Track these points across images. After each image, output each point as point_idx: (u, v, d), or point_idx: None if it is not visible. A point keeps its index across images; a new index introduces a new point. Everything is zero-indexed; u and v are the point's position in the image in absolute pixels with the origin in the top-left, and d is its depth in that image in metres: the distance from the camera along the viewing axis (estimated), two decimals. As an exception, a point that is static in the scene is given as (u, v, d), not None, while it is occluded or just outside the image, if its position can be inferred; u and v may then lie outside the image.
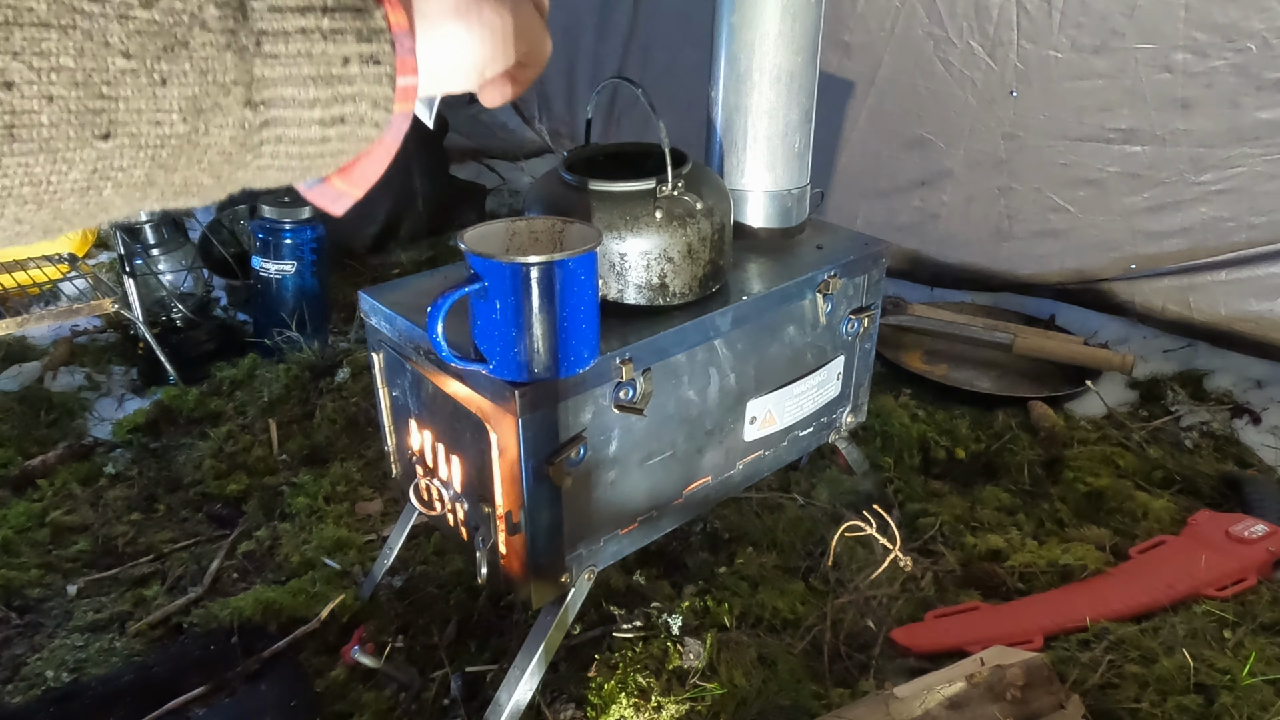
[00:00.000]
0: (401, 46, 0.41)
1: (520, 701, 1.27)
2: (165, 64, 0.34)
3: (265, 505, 1.89)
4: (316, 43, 0.38)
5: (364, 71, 0.40)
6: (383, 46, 0.41)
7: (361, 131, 0.42)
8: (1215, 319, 2.22)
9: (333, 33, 0.39)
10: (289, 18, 0.38)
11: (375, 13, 0.40)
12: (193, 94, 0.35)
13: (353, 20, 0.39)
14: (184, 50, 0.35)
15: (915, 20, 2.29)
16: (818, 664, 1.46)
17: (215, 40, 0.36)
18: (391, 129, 0.43)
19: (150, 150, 0.35)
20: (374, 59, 0.40)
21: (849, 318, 1.52)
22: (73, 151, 0.33)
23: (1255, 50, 1.92)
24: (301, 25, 0.38)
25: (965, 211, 2.49)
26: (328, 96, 0.40)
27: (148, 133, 0.35)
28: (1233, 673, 1.36)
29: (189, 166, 0.37)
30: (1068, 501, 1.87)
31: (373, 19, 0.40)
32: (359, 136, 0.42)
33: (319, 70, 0.39)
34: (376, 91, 0.41)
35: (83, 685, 1.45)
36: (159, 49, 0.34)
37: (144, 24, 0.34)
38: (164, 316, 2.49)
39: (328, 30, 0.39)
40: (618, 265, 1.21)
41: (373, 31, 0.40)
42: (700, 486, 1.40)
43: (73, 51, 0.32)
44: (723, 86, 1.46)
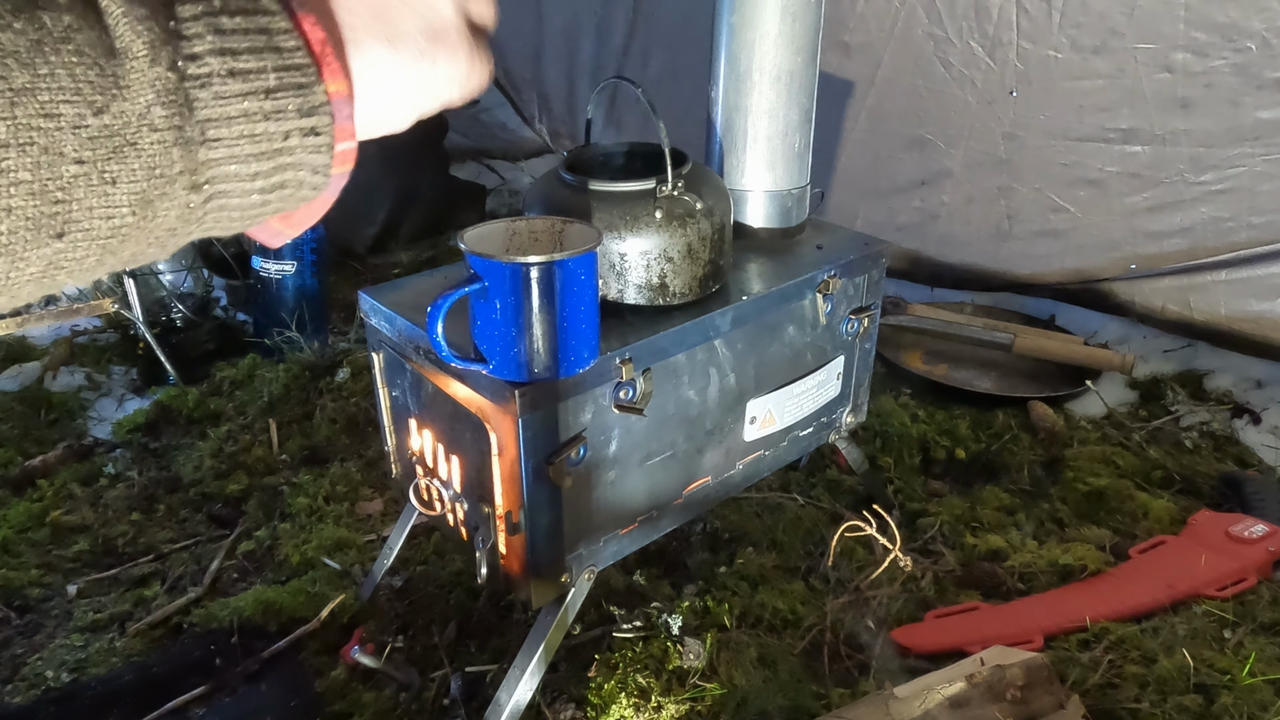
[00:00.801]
0: (340, 114, 0.43)
1: (520, 701, 1.27)
2: (116, 165, 0.37)
3: (265, 505, 1.89)
4: (259, 123, 0.40)
5: (304, 143, 0.42)
6: (322, 119, 0.42)
7: (300, 194, 0.44)
8: (1215, 319, 2.22)
9: (274, 112, 0.41)
10: (233, 103, 0.39)
11: (316, 88, 0.42)
12: (142, 189, 0.38)
13: (294, 97, 0.41)
14: (133, 150, 0.37)
15: (915, 20, 2.29)
16: (818, 664, 1.46)
17: (163, 138, 0.38)
18: (330, 186, 0.45)
19: (101, 241, 0.38)
20: (314, 131, 0.42)
21: (849, 318, 1.52)
22: (30, 251, 0.35)
23: (1255, 50, 1.92)
24: (244, 109, 0.40)
25: (965, 211, 2.49)
26: (269, 168, 0.42)
27: (99, 227, 0.37)
28: (1233, 673, 1.36)
29: (136, 245, 0.40)
30: (1068, 501, 1.87)
31: (314, 94, 0.42)
32: (298, 197, 0.44)
33: (261, 148, 0.41)
34: (315, 160, 0.43)
35: (83, 685, 1.45)
36: (109, 151, 0.36)
37: (96, 130, 0.36)
38: (164, 316, 2.49)
39: (270, 110, 0.41)
40: (618, 265, 1.21)
41: (313, 107, 0.42)
42: (700, 486, 1.40)
43: (30, 166, 0.34)
44: (723, 86, 1.46)
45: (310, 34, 0.42)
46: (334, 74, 0.43)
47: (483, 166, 3.80)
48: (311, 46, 0.42)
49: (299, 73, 0.41)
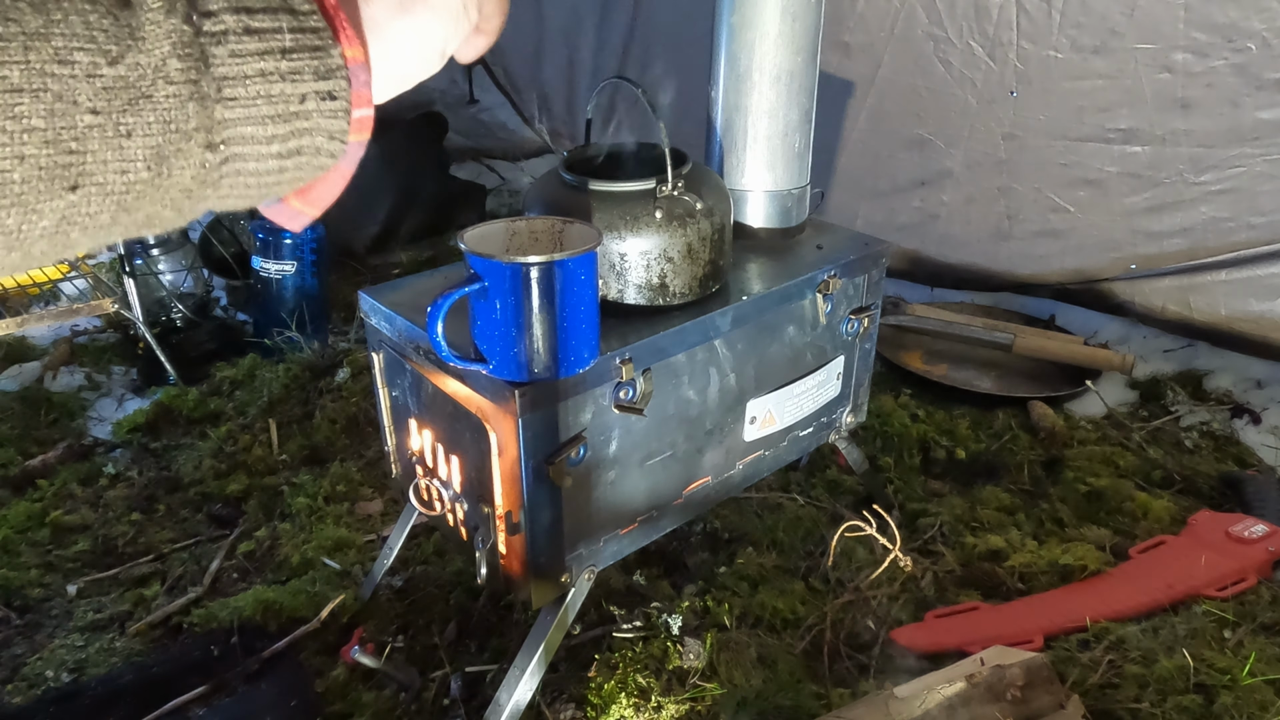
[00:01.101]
0: (357, 80, 0.43)
1: (520, 701, 1.27)
2: (130, 117, 0.36)
3: (265, 505, 1.89)
4: (275, 84, 0.40)
5: (320, 107, 0.42)
6: (339, 83, 0.42)
7: (317, 161, 0.43)
8: (1215, 319, 2.22)
9: (290, 73, 0.40)
10: (249, 61, 0.39)
11: (332, 51, 0.41)
12: (157, 143, 0.37)
13: (310, 59, 0.41)
14: (148, 103, 0.36)
15: (915, 21, 2.29)
16: (818, 664, 1.46)
17: (178, 92, 0.37)
18: (347, 156, 0.45)
19: (116, 196, 0.37)
20: (330, 95, 0.42)
21: (849, 318, 1.52)
22: (43, 203, 0.34)
23: (1255, 50, 1.92)
24: (261, 68, 0.39)
25: (965, 211, 2.49)
26: (285, 132, 0.41)
27: (113, 181, 0.36)
28: (1233, 673, 1.36)
29: (152, 205, 0.39)
30: (1068, 501, 1.87)
31: (330, 57, 0.41)
32: (315, 165, 0.43)
33: (277, 110, 0.40)
34: (332, 125, 0.43)
35: (83, 685, 1.45)
36: (124, 103, 0.35)
37: (111, 80, 0.35)
38: (164, 316, 2.49)
39: (286, 71, 0.40)
40: (618, 265, 1.21)
41: (329, 70, 0.41)
42: (700, 486, 1.40)
43: (43, 113, 0.33)
44: (723, 86, 1.46)
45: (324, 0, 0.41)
46: (350, 39, 0.42)
47: (483, 166, 3.80)
48: (326, 9, 0.41)
49: (315, 35, 0.41)
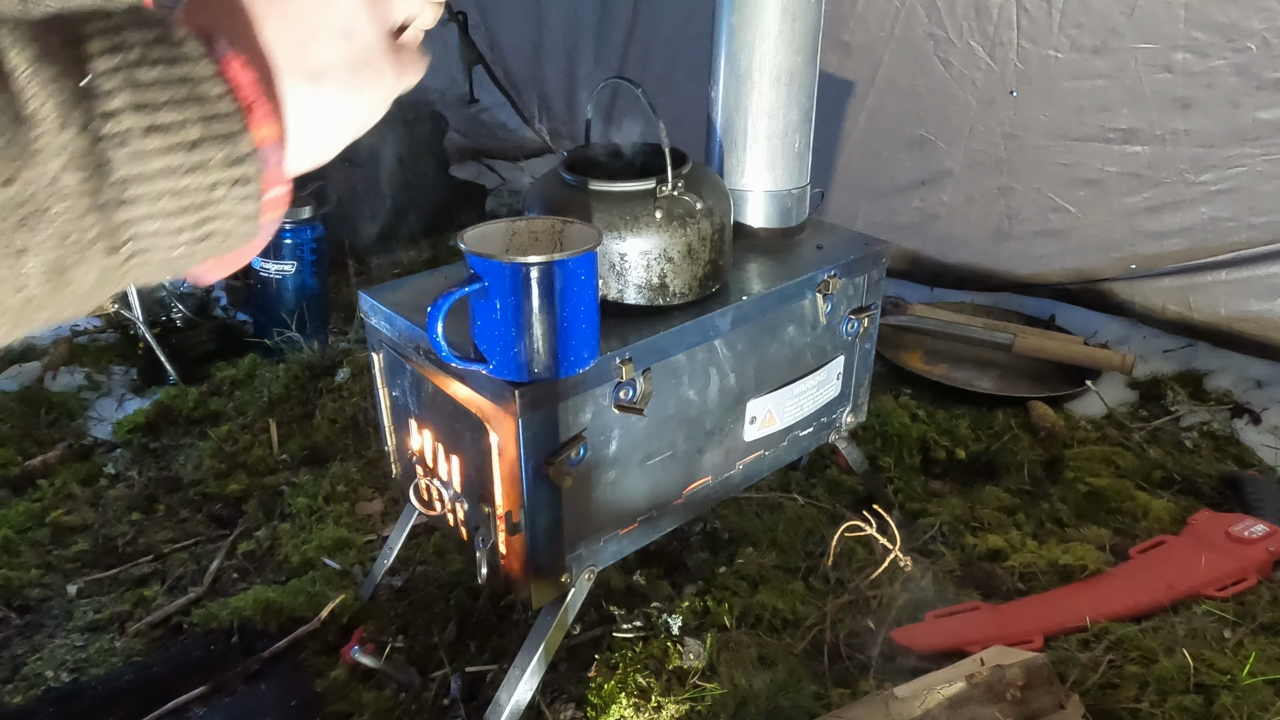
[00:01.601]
0: (270, 161, 0.42)
1: (520, 701, 1.27)
2: (24, 235, 0.35)
3: (265, 505, 1.89)
4: (181, 178, 0.39)
5: (230, 194, 0.41)
6: (250, 168, 0.41)
7: (229, 243, 0.42)
8: (1215, 319, 2.22)
9: (198, 166, 0.39)
10: (153, 160, 0.38)
11: (243, 137, 0.40)
12: (55, 257, 0.36)
13: (219, 148, 0.39)
14: (43, 219, 0.35)
15: (915, 20, 2.29)
16: (818, 664, 1.46)
17: (75, 205, 0.36)
18: (262, 232, 0.44)
19: (12, 313, 0.36)
20: (242, 180, 0.41)
21: (849, 318, 1.52)
22: None
23: (1255, 50, 1.92)
24: (165, 164, 0.38)
25: (965, 211, 2.49)
26: (194, 221, 0.40)
27: (7, 299, 0.36)
28: (1233, 673, 1.36)
29: (52, 311, 0.38)
30: (1068, 501, 1.87)
31: (240, 143, 0.40)
32: (226, 246, 0.43)
33: (185, 203, 0.39)
34: (244, 209, 0.42)
35: (83, 685, 1.45)
36: (16, 222, 0.35)
37: (2, 202, 0.34)
38: (164, 316, 2.49)
39: (193, 165, 0.39)
40: (618, 265, 1.21)
41: (240, 157, 0.40)
42: (700, 486, 1.40)
43: None
44: (723, 86, 1.46)
45: (239, 77, 0.40)
46: (264, 118, 0.41)
47: (483, 166, 3.80)
48: (240, 92, 0.40)
49: (224, 122, 0.39)
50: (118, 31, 0.37)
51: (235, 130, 0.40)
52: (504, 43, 3.45)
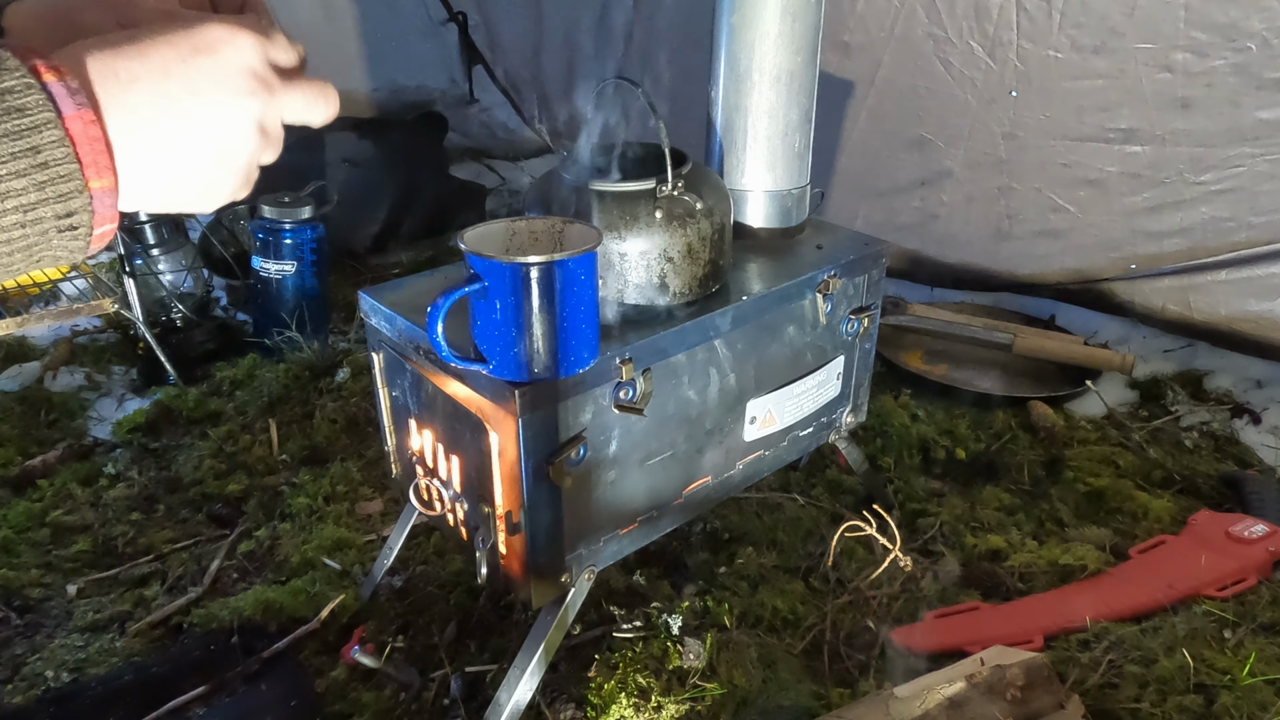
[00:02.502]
0: (102, 205, 0.45)
1: (520, 701, 1.27)
2: None
3: (265, 505, 1.89)
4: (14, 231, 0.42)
5: (61, 236, 0.44)
6: (81, 217, 0.44)
7: (56, 264, 0.46)
8: (1215, 319, 2.22)
9: (32, 221, 0.43)
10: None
11: (79, 196, 0.43)
12: None
13: (55, 204, 0.43)
14: None
15: (915, 21, 2.29)
16: (818, 664, 1.46)
17: None
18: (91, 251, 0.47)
19: None
20: (72, 228, 0.44)
21: (849, 318, 1.52)
22: None
23: (1255, 50, 1.91)
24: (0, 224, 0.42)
25: (965, 211, 2.49)
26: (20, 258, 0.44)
27: None
28: (1233, 673, 1.36)
29: None
30: (1068, 501, 1.87)
31: (75, 199, 0.43)
32: (54, 265, 0.47)
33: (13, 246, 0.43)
34: (73, 245, 0.45)
35: (83, 685, 1.45)
36: None
37: None
38: (164, 316, 2.49)
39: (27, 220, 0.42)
40: (618, 265, 1.21)
41: (73, 210, 0.44)
42: (700, 486, 1.40)
43: None
44: (723, 86, 1.46)
45: (84, 134, 0.43)
46: (102, 171, 0.44)
47: (483, 166, 3.80)
48: (79, 150, 0.43)
49: (63, 182, 0.43)
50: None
51: (72, 189, 0.43)
52: (504, 43, 3.45)
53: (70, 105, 0.42)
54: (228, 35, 0.49)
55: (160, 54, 0.46)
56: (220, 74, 0.48)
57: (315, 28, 3.10)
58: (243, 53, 0.49)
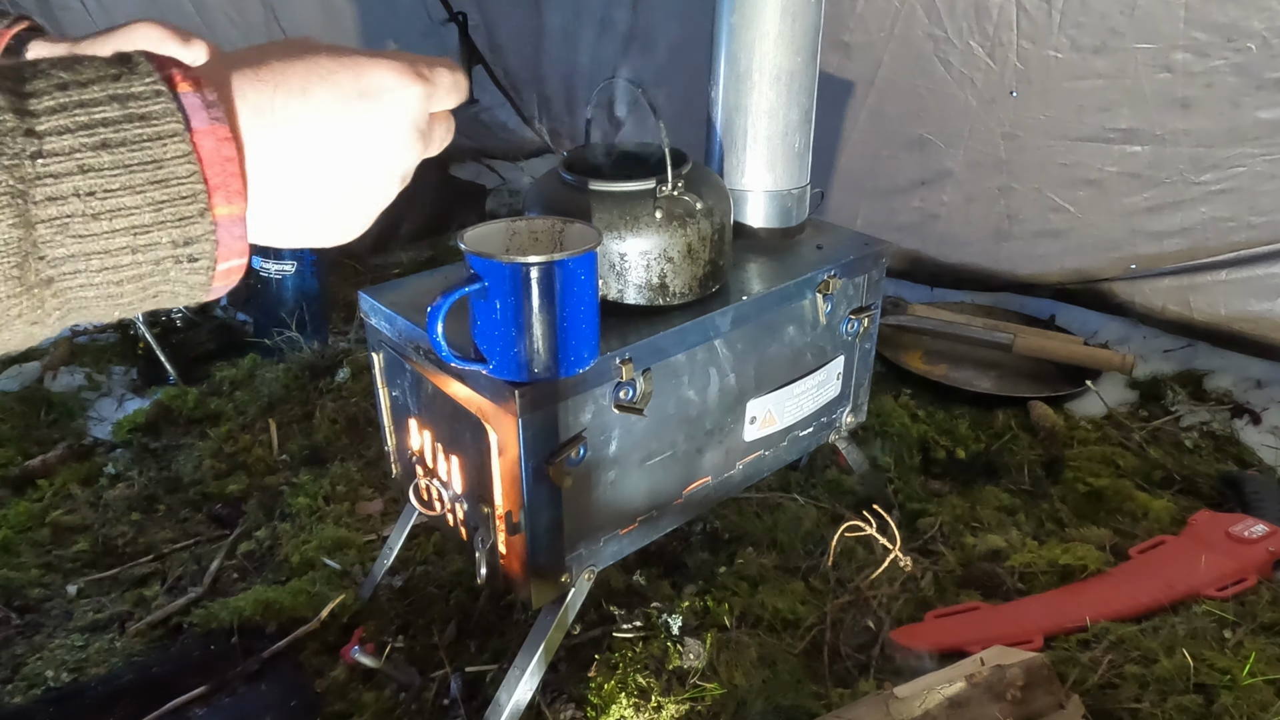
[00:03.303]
0: (230, 235, 0.40)
1: (520, 701, 1.27)
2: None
3: (265, 505, 1.89)
4: (124, 256, 0.38)
5: (179, 268, 0.39)
6: (202, 247, 0.39)
7: (176, 301, 0.41)
8: (1215, 319, 2.22)
9: (145, 247, 0.38)
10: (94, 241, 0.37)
11: (198, 222, 0.39)
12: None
13: (173, 229, 0.38)
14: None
15: (915, 21, 2.29)
16: (818, 664, 1.46)
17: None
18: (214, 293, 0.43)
19: None
20: (191, 258, 0.39)
21: (849, 318, 1.52)
22: None
23: (1255, 50, 1.91)
24: (106, 246, 0.37)
25: (965, 211, 2.49)
26: (132, 290, 0.39)
27: None
28: (1233, 673, 1.36)
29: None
30: (1068, 501, 1.87)
31: (196, 224, 0.39)
32: (175, 303, 0.42)
33: (125, 275, 0.38)
34: (193, 279, 0.40)
35: (83, 685, 1.45)
36: None
37: None
38: (164, 316, 2.48)
39: (139, 245, 0.38)
40: (618, 265, 1.21)
41: (193, 238, 0.39)
42: (700, 486, 1.40)
43: None
44: (723, 86, 1.46)
45: (215, 153, 0.38)
46: (230, 196, 0.39)
47: (483, 166, 3.80)
48: (206, 169, 0.38)
49: (184, 203, 0.38)
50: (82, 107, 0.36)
51: (193, 213, 0.38)
52: (504, 43, 3.45)
53: (203, 118, 0.38)
54: (397, 84, 0.45)
55: (320, 91, 0.42)
56: (380, 124, 0.45)
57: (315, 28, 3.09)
58: (408, 105, 0.46)
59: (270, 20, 2.95)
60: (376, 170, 0.46)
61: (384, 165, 0.46)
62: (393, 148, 0.46)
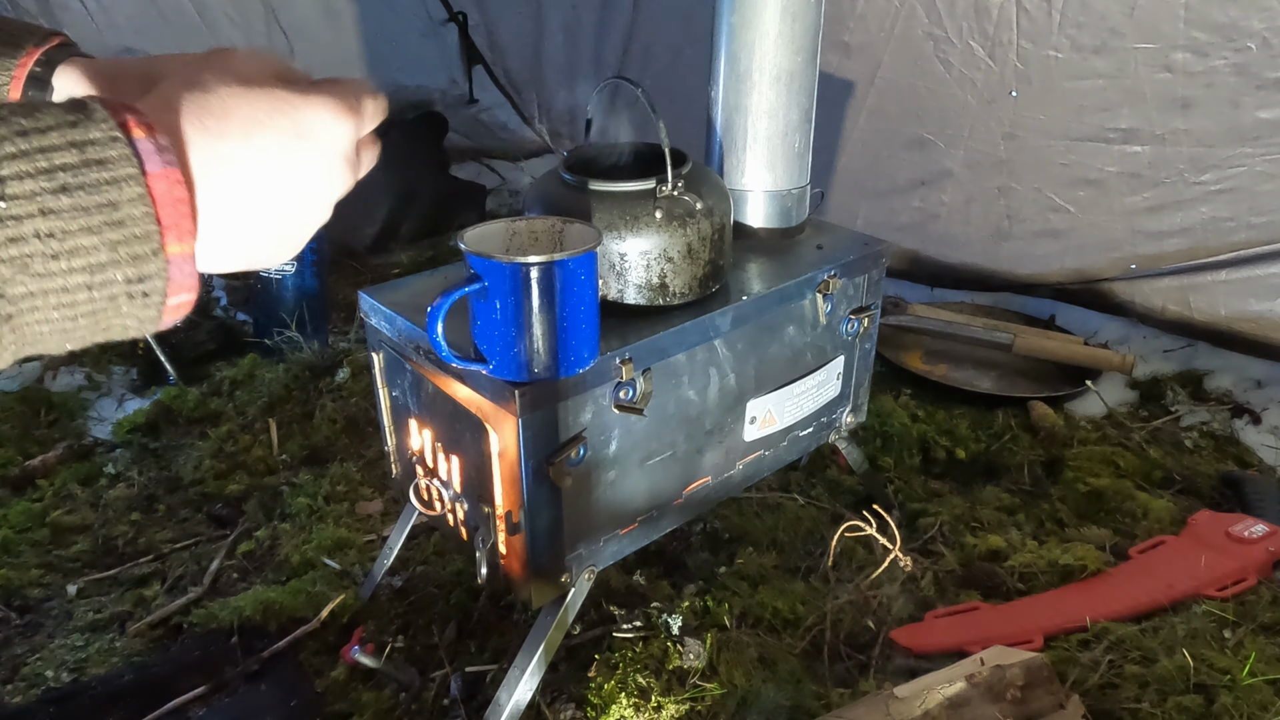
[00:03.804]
0: (180, 272, 0.42)
1: (520, 701, 1.27)
2: None
3: (265, 505, 1.89)
4: (80, 293, 0.39)
5: (131, 304, 0.41)
6: (155, 283, 0.41)
7: (126, 334, 0.43)
8: (1215, 319, 2.22)
9: (101, 284, 0.39)
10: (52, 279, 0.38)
11: (153, 261, 0.40)
12: None
13: (127, 267, 0.40)
14: None
15: (915, 21, 2.29)
16: (818, 664, 1.46)
17: None
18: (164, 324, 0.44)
19: None
20: (143, 294, 0.41)
21: (849, 318, 1.52)
22: None
23: (1255, 50, 1.91)
24: (64, 284, 0.38)
25: (965, 211, 2.49)
26: (86, 325, 0.40)
27: None
28: (1233, 673, 1.36)
29: None
30: (1068, 501, 1.87)
31: (150, 262, 0.40)
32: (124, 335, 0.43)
33: (79, 311, 0.40)
34: (144, 313, 0.42)
35: (83, 685, 1.45)
36: None
37: None
38: (164, 316, 2.48)
39: (96, 283, 0.39)
40: (618, 265, 1.21)
41: (146, 275, 0.41)
42: (700, 486, 1.40)
43: None
44: (723, 86, 1.46)
45: (168, 195, 0.40)
46: (181, 235, 0.41)
47: (483, 166, 3.80)
48: (159, 211, 0.40)
49: (138, 243, 0.40)
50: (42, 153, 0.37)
51: (146, 252, 0.40)
52: (504, 43, 3.45)
53: (157, 162, 0.40)
54: (330, 122, 0.48)
55: (261, 137, 0.45)
56: (315, 160, 0.48)
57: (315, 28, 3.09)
58: (340, 140, 0.49)
59: (270, 20, 2.95)
60: (312, 201, 0.50)
61: (319, 196, 0.50)
62: (326, 180, 0.50)
